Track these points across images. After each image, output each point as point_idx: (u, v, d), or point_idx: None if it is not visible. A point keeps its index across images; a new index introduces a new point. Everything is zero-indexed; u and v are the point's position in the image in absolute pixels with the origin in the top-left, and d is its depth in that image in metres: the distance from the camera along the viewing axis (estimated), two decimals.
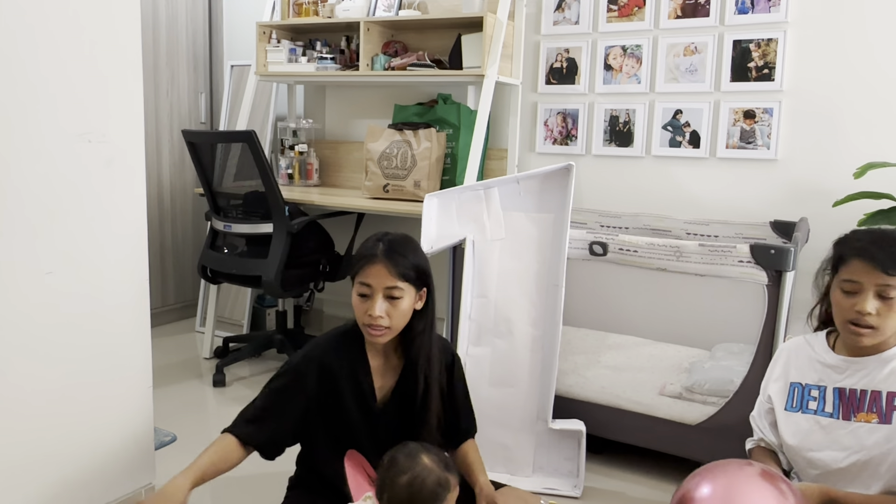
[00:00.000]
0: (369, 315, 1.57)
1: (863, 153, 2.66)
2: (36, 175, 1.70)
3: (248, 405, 1.66)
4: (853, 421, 1.44)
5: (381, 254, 1.59)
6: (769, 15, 2.76)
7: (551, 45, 3.21)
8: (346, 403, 1.65)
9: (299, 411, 1.64)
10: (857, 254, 1.40)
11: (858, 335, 1.40)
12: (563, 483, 2.29)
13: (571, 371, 2.55)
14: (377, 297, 1.57)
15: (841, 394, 1.47)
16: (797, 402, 1.53)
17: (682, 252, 2.13)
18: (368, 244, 1.63)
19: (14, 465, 1.72)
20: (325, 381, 1.64)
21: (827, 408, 1.48)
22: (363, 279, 1.59)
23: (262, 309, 3.87)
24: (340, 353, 1.65)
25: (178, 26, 3.90)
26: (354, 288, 1.61)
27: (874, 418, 1.41)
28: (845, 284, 1.41)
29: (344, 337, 1.69)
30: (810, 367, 1.54)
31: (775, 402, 1.58)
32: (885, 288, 1.37)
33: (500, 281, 2.33)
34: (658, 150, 3.03)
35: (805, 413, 1.51)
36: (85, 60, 1.78)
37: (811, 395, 1.51)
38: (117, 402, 1.95)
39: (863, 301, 1.38)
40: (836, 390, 1.48)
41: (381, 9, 3.37)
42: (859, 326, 1.40)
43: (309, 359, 1.65)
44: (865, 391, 1.43)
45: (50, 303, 1.76)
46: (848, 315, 1.41)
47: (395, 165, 3.11)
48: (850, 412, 1.44)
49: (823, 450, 1.46)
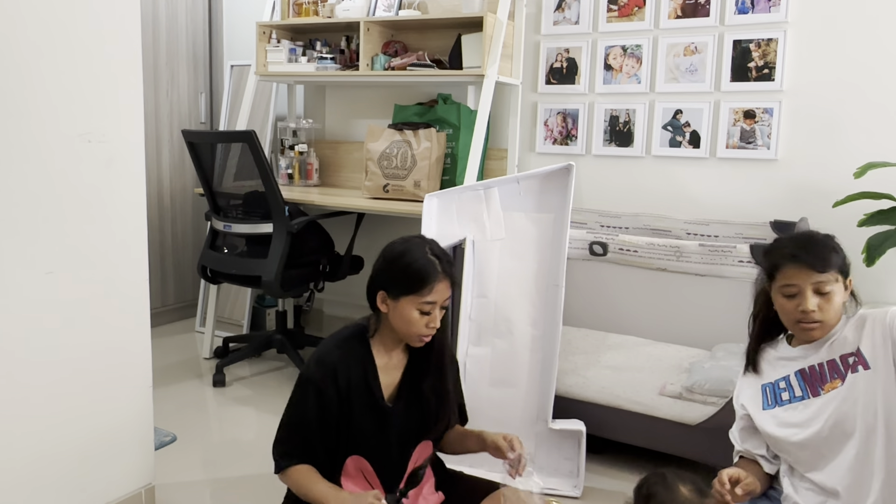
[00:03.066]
0: (428, 327, 1.61)
1: (863, 153, 2.66)
2: (36, 175, 1.70)
3: (286, 433, 1.65)
4: (822, 394, 1.53)
5: (442, 271, 1.62)
6: (769, 15, 2.76)
7: (551, 45, 3.20)
8: (358, 407, 1.65)
9: (333, 421, 1.65)
10: (789, 260, 1.52)
11: (809, 331, 1.53)
12: (563, 483, 2.29)
13: (571, 371, 2.55)
14: (435, 311, 1.61)
15: (802, 374, 1.57)
16: (772, 399, 1.62)
17: (682, 252, 2.13)
18: (426, 259, 1.62)
19: (14, 464, 1.72)
20: (341, 389, 1.63)
21: (797, 393, 1.58)
22: (429, 298, 1.60)
23: (262, 309, 3.87)
24: (349, 358, 1.65)
25: (178, 26, 3.90)
26: (414, 305, 1.60)
27: (839, 382, 1.51)
28: (785, 289, 1.53)
29: (348, 342, 1.69)
30: (777, 365, 1.64)
31: (750, 408, 1.65)
32: (820, 284, 1.50)
33: (500, 281, 2.33)
34: (658, 150, 3.03)
35: (781, 405, 1.60)
36: (85, 61, 1.78)
37: (780, 388, 1.61)
38: (117, 402, 1.95)
39: (804, 301, 1.50)
40: (798, 373, 1.58)
41: (381, 9, 3.37)
42: (807, 323, 1.52)
43: (324, 369, 1.64)
44: (822, 363, 1.55)
45: (50, 303, 1.76)
46: (794, 316, 1.53)
47: (395, 165, 3.11)
48: (817, 387, 1.54)
49: (806, 429, 1.53)
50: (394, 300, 1.61)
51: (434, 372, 1.70)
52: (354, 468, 1.67)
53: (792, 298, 1.52)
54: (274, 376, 3.26)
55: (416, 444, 1.72)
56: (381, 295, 1.63)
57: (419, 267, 1.59)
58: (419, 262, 1.60)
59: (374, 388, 1.66)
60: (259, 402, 2.95)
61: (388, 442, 1.67)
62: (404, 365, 1.71)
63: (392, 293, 1.61)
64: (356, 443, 1.66)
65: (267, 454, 2.47)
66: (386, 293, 1.62)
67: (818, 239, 1.55)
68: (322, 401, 1.62)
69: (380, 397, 1.66)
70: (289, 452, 1.64)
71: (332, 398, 1.62)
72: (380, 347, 1.68)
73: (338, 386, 1.62)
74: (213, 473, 2.37)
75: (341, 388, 1.62)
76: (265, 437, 2.64)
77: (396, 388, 1.70)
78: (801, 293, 1.51)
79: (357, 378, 1.64)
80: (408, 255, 1.61)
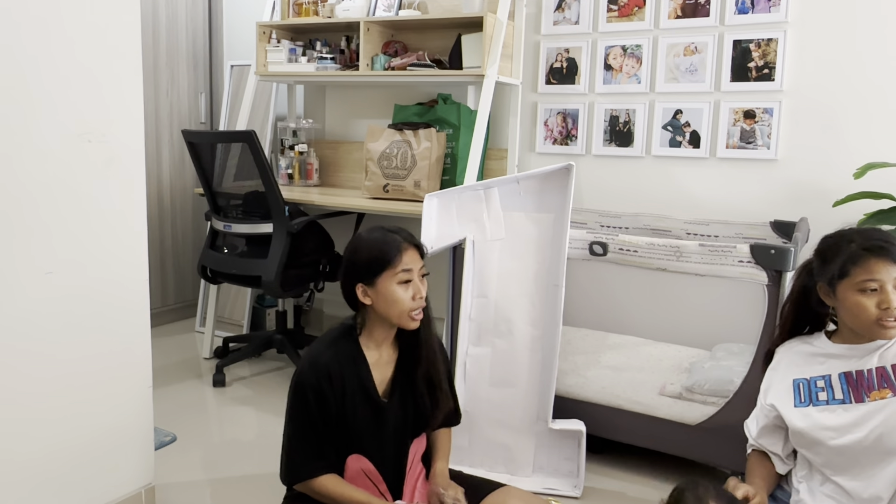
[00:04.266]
0: (415, 299, 1.63)
1: (863, 153, 2.66)
2: (36, 175, 1.70)
3: (297, 443, 1.65)
4: (867, 402, 1.46)
5: (403, 240, 1.66)
6: (769, 15, 2.76)
7: (551, 45, 3.20)
8: (353, 405, 1.65)
9: (333, 420, 1.66)
10: (871, 253, 1.44)
11: (888, 328, 1.45)
12: (563, 483, 2.29)
13: (571, 371, 2.55)
14: (415, 279, 1.66)
15: (848, 377, 1.50)
16: (805, 396, 1.55)
17: (682, 252, 2.13)
18: (384, 236, 1.67)
19: (14, 464, 1.72)
20: (335, 389, 1.64)
21: (837, 395, 1.50)
22: (403, 267, 1.64)
23: (262, 309, 3.87)
24: (341, 358, 1.67)
25: (178, 26, 3.90)
26: (392, 280, 1.63)
27: (888, 393, 1.44)
28: (865, 284, 1.45)
29: (338, 342, 1.70)
30: (812, 361, 1.56)
31: (781, 406, 1.58)
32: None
33: (500, 281, 2.33)
34: (658, 150, 3.03)
35: (816, 405, 1.52)
36: (85, 61, 1.78)
37: (818, 387, 1.53)
38: (117, 401, 1.95)
39: (887, 296, 1.43)
40: (842, 375, 1.50)
41: (381, 9, 3.37)
42: (888, 320, 1.44)
43: (317, 370, 1.64)
44: (871, 370, 1.47)
45: (50, 302, 1.76)
46: (873, 314, 1.44)
47: (395, 165, 3.11)
48: (862, 393, 1.47)
49: (845, 434, 1.47)
50: (372, 287, 1.64)
51: (424, 362, 1.71)
52: (356, 469, 1.67)
53: (872, 294, 1.44)
54: (274, 376, 3.26)
55: (413, 439, 1.74)
56: (359, 288, 1.65)
57: (380, 244, 1.65)
58: (378, 241, 1.66)
59: (368, 385, 1.67)
60: (259, 402, 2.95)
61: (386, 438, 1.68)
62: (395, 360, 1.73)
63: (367, 280, 1.64)
64: (354, 441, 1.66)
65: (267, 453, 2.49)
66: (363, 284, 1.65)
67: (889, 234, 1.48)
68: (321, 402, 1.63)
69: (374, 393, 1.67)
70: (306, 461, 1.64)
71: (329, 398, 1.63)
72: (369, 344, 1.70)
73: (332, 386, 1.63)
74: (213, 473, 2.37)
75: (336, 387, 1.63)
76: (265, 437, 2.65)
77: (389, 384, 1.71)
78: (881, 288, 1.43)
79: (350, 376, 1.65)
80: (365, 241, 1.67)
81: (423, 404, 1.72)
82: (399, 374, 1.72)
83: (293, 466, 1.65)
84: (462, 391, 2.32)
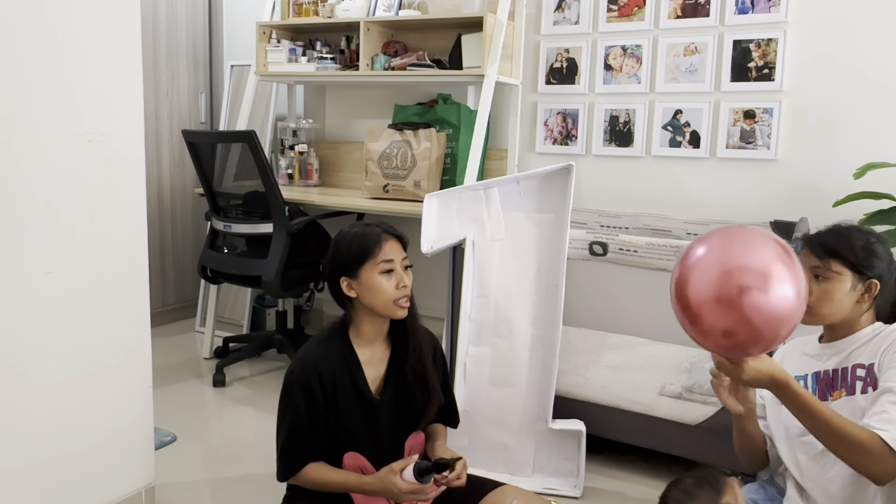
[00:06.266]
0: (399, 288, 1.64)
1: (863, 153, 2.66)
2: (36, 175, 1.70)
3: (286, 443, 1.66)
4: (830, 401, 1.49)
5: (383, 231, 1.69)
6: (769, 15, 2.76)
7: (551, 45, 3.21)
8: (346, 403, 1.66)
9: (323, 420, 1.67)
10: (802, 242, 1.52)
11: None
12: (563, 483, 2.29)
13: (571, 371, 2.55)
14: (398, 269, 1.67)
15: (817, 377, 1.54)
16: None
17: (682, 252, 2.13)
18: (363, 229, 1.70)
19: (14, 464, 1.72)
20: (326, 388, 1.65)
21: None
22: (384, 257, 1.66)
23: (262, 309, 3.87)
24: (331, 356, 1.67)
25: (178, 26, 3.90)
26: (375, 270, 1.65)
27: (843, 393, 1.48)
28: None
29: (329, 341, 1.71)
30: (799, 360, 1.60)
31: (767, 399, 1.62)
32: (819, 270, 1.47)
33: (500, 281, 2.33)
34: (658, 150, 3.03)
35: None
36: (85, 61, 1.78)
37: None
38: (117, 402, 1.95)
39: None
40: (814, 375, 1.54)
41: (381, 9, 3.37)
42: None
43: (307, 370, 1.65)
44: (837, 370, 1.51)
45: (50, 303, 1.76)
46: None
47: (395, 165, 3.11)
48: (826, 393, 1.51)
49: (806, 434, 1.49)
50: (355, 279, 1.65)
51: (412, 352, 1.71)
52: (353, 466, 1.68)
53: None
54: (274, 376, 3.25)
55: (407, 435, 1.74)
56: (343, 282, 1.66)
57: (360, 237, 1.67)
58: (357, 234, 1.68)
59: (360, 383, 1.67)
60: (259, 402, 2.95)
61: (380, 435, 1.69)
62: (388, 358, 1.73)
63: (350, 273, 1.65)
64: (349, 439, 1.67)
65: (267, 453, 2.49)
66: (346, 277, 1.66)
67: (843, 230, 1.49)
68: (310, 401, 1.63)
69: (366, 391, 1.68)
70: (293, 459, 1.65)
71: (318, 397, 1.63)
72: (360, 341, 1.71)
73: (323, 385, 1.64)
74: (213, 473, 2.37)
75: (326, 386, 1.64)
76: (265, 437, 2.65)
77: (382, 381, 1.72)
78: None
79: (342, 374, 1.66)
80: (346, 236, 1.70)
81: (415, 400, 1.73)
82: (392, 372, 1.73)
83: (280, 464, 1.67)
84: (462, 391, 2.32)
